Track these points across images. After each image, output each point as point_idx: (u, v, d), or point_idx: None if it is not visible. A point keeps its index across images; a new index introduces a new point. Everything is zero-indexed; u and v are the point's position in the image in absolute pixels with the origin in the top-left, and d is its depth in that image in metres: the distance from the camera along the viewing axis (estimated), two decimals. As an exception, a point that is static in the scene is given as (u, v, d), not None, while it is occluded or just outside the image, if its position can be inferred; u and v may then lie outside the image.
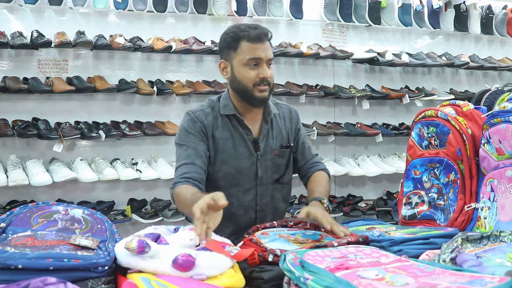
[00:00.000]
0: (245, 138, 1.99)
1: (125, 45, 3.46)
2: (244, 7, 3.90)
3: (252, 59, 1.88)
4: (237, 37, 1.91)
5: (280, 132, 2.06)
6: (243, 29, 1.91)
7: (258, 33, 1.89)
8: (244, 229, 1.83)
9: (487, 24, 4.64)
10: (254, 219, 2.00)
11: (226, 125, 1.98)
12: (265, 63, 1.89)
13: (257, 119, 2.03)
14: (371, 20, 4.25)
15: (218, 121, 1.98)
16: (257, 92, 1.90)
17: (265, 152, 2.01)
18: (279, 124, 2.06)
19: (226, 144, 1.97)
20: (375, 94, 4.20)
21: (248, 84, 1.90)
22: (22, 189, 3.32)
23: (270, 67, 1.93)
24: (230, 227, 1.95)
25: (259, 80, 1.89)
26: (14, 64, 3.45)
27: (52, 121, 3.44)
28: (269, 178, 2.02)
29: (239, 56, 1.91)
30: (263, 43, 1.90)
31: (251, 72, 1.89)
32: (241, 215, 1.99)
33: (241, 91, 1.94)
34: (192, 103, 3.87)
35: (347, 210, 3.99)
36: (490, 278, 0.98)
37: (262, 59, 1.89)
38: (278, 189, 2.06)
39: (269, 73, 1.90)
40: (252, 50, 1.88)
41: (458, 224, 1.71)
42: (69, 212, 1.39)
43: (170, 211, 3.54)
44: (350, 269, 1.08)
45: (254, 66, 1.89)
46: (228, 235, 1.81)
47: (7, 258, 1.06)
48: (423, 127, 1.88)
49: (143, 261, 1.16)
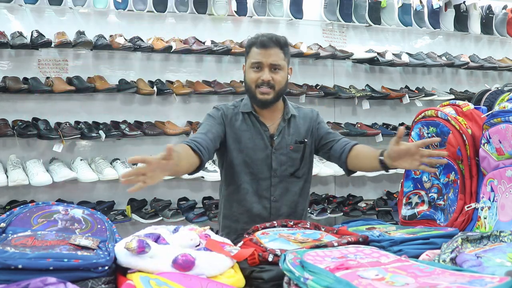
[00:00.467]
0: (261, 132, 2.13)
1: (125, 45, 3.47)
2: (244, 7, 3.90)
3: (254, 62, 2.06)
4: (250, 44, 2.11)
5: (297, 130, 2.17)
6: (256, 37, 2.10)
7: (266, 40, 2.05)
8: (258, 217, 2.08)
9: (487, 24, 4.64)
10: (269, 208, 2.13)
11: (245, 120, 2.15)
12: (267, 67, 2.04)
13: (274, 117, 2.17)
14: (371, 20, 4.25)
15: (238, 116, 2.15)
16: (259, 94, 2.06)
17: (280, 147, 2.13)
18: (297, 124, 2.18)
19: (244, 135, 2.13)
20: (375, 94, 4.21)
21: (251, 85, 2.08)
22: (22, 189, 3.32)
23: (278, 72, 2.06)
24: (245, 214, 2.13)
25: (260, 82, 2.04)
26: (14, 64, 3.46)
27: (52, 121, 3.44)
28: (284, 171, 2.13)
29: (248, 60, 2.10)
30: (268, 49, 2.04)
31: (253, 74, 2.06)
32: (255, 202, 2.12)
33: (247, 91, 2.13)
34: (192, 103, 3.88)
35: (347, 210, 3.99)
36: (490, 278, 0.98)
37: (263, 63, 2.04)
38: (293, 183, 2.15)
39: (268, 76, 2.03)
40: (256, 54, 2.06)
41: (458, 224, 1.71)
42: (69, 212, 1.39)
43: (170, 211, 3.54)
44: (350, 269, 1.08)
45: (257, 69, 2.06)
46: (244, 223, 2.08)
47: (7, 258, 1.06)
48: (423, 127, 1.88)
49: (143, 261, 1.16)
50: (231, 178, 2.15)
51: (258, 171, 2.11)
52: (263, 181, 2.12)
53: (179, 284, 1.08)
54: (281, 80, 2.07)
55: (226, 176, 2.19)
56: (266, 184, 2.12)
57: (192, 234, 1.33)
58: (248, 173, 2.12)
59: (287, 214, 2.12)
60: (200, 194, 3.82)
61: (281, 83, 2.07)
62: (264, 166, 2.11)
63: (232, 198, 2.17)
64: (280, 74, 2.06)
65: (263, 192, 2.12)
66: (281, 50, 2.07)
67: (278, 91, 2.07)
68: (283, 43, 2.08)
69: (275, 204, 2.13)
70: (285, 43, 2.10)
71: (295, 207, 2.17)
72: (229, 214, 2.19)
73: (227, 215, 2.19)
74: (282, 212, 2.13)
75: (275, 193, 2.13)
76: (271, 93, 2.05)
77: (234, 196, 2.16)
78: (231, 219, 2.18)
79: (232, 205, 2.17)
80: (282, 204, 2.14)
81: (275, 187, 2.13)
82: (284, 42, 2.09)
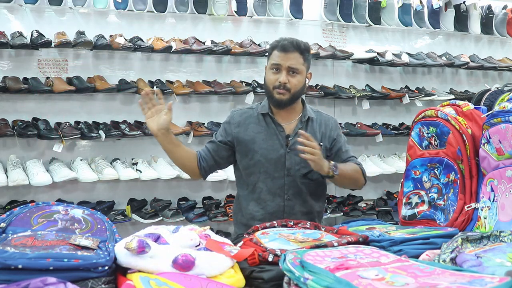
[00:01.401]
0: (276, 133, 2.22)
1: (125, 45, 3.46)
2: (244, 7, 3.90)
3: (273, 64, 2.16)
4: (273, 46, 2.20)
5: (313, 133, 2.20)
6: (279, 40, 2.19)
7: (286, 44, 2.14)
8: (273, 214, 2.16)
9: (487, 24, 4.64)
10: (283, 207, 2.20)
11: (261, 122, 2.25)
12: (285, 70, 2.13)
13: (291, 118, 2.25)
14: (371, 20, 4.25)
15: (253, 118, 2.26)
16: (276, 94, 2.16)
17: (295, 147, 2.14)
18: (314, 127, 2.26)
19: (258, 137, 2.22)
20: (375, 94, 4.20)
21: (269, 86, 2.18)
22: (22, 189, 3.32)
23: (295, 76, 2.15)
24: (260, 212, 2.21)
25: (277, 84, 2.14)
26: (14, 64, 3.45)
27: (52, 121, 3.44)
28: (298, 172, 2.19)
29: (269, 61, 2.20)
30: (288, 53, 2.13)
31: (272, 76, 2.16)
32: (270, 200, 2.20)
33: (266, 91, 2.23)
34: (192, 103, 3.88)
35: (347, 210, 3.99)
36: (490, 278, 0.98)
37: (281, 65, 2.13)
38: (306, 184, 2.21)
39: (285, 79, 2.12)
40: (276, 57, 2.15)
41: (458, 224, 1.71)
42: (69, 212, 1.39)
43: (170, 211, 3.54)
44: (350, 269, 1.08)
45: (276, 71, 2.16)
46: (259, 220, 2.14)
47: (7, 258, 1.06)
48: (423, 127, 1.88)
49: (143, 261, 1.16)
50: (248, 178, 2.24)
51: (272, 170, 2.19)
52: (277, 180, 2.19)
53: (179, 284, 1.08)
54: (297, 84, 2.15)
55: (242, 177, 2.28)
56: (280, 183, 2.19)
57: (192, 234, 1.33)
58: (263, 172, 2.20)
59: (302, 214, 2.18)
60: (200, 194, 3.82)
61: (297, 86, 2.15)
62: (279, 165, 2.19)
63: (248, 198, 2.24)
64: (297, 78, 2.14)
65: (277, 191, 2.20)
66: (301, 55, 2.15)
67: (293, 93, 2.15)
68: (303, 48, 2.16)
69: (289, 202, 2.20)
70: (306, 48, 2.17)
71: (310, 208, 2.24)
72: (247, 213, 2.25)
73: (245, 213, 2.26)
74: (296, 211, 2.19)
75: (289, 192, 2.20)
76: (286, 94, 2.14)
77: (250, 196, 2.23)
78: (247, 217, 2.24)
79: (248, 204, 2.24)
80: (296, 204, 2.20)
81: (288, 186, 2.19)
82: (305, 48, 2.17)
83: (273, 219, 1.96)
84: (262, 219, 2.15)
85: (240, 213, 2.31)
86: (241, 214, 2.30)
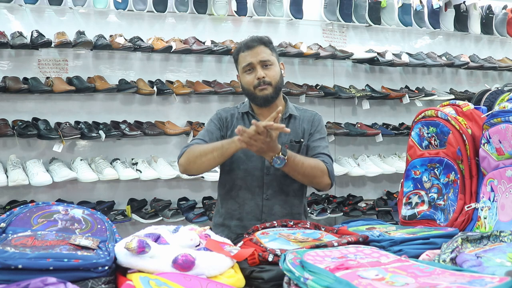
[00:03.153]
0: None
1: (125, 45, 3.47)
2: (244, 7, 3.90)
3: (245, 66, 2.12)
4: (236, 51, 2.18)
5: (295, 130, 2.17)
6: (240, 43, 2.18)
7: (249, 41, 2.12)
8: (250, 214, 2.12)
9: (487, 24, 4.64)
10: (261, 206, 2.14)
11: (244, 120, 2.20)
12: (258, 65, 2.09)
13: None
14: (371, 20, 4.25)
15: (236, 118, 2.21)
16: (259, 92, 2.10)
17: None
18: (296, 125, 2.20)
19: None
20: (375, 94, 4.21)
21: (250, 87, 2.12)
22: (22, 189, 3.32)
23: (270, 68, 2.11)
24: (237, 211, 2.16)
25: (257, 82, 2.09)
26: (14, 64, 3.46)
27: (52, 121, 3.44)
28: (278, 170, 2.06)
29: (239, 66, 2.17)
30: (253, 48, 2.10)
31: (248, 77, 2.12)
32: (248, 199, 2.14)
33: (248, 95, 2.17)
34: (192, 103, 3.88)
35: (347, 210, 3.99)
36: (490, 278, 0.98)
37: (253, 63, 2.10)
38: (287, 183, 2.14)
39: (262, 73, 2.08)
40: (244, 58, 2.12)
41: (458, 224, 1.70)
42: (69, 212, 1.39)
43: (170, 211, 3.54)
44: (350, 269, 1.08)
45: (250, 71, 2.12)
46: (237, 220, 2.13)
47: (7, 258, 1.06)
48: (423, 127, 1.88)
49: (143, 261, 1.16)
50: (228, 176, 2.18)
51: (252, 168, 2.13)
52: (257, 178, 2.14)
53: (179, 285, 1.08)
54: (275, 75, 2.11)
55: (223, 175, 2.22)
56: (259, 182, 2.14)
57: (192, 234, 1.33)
58: (242, 170, 2.14)
59: (281, 215, 2.11)
60: (200, 194, 3.82)
61: (276, 77, 2.11)
62: (258, 164, 2.13)
63: (226, 196, 2.19)
64: (273, 69, 2.11)
65: (256, 189, 2.14)
66: (266, 47, 2.12)
67: (275, 85, 2.11)
68: (266, 41, 2.14)
69: (268, 202, 2.13)
70: (269, 41, 2.16)
71: (289, 209, 2.16)
72: (224, 212, 2.20)
73: (222, 213, 2.21)
74: (275, 211, 2.12)
75: (268, 191, 2.13)
76: (269, 88, 2.09)
77: (228, 194, 2.18)
78: (225, 217, 2.19)
79: (227, 203, 2.19)
80: (275, 204, 2.14)
81: (267, 185, 2.14)
82: (267, 40, 2.15)
83: (251, 218, 2.02)
84: (240, 218, 2.13)
85: (218, 213, 2.24)
86: (219, 214, 2.23)
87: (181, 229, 1.38)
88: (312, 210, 3.79)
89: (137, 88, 3.55)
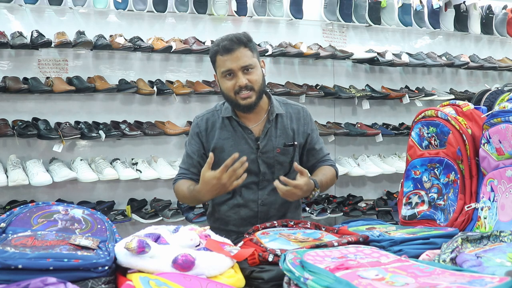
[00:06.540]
0: (245, 137, 2.07)
1: (125, 45, 3.47)
2: (244, 7, 3.90)
3: (225, 71, 1.97)
4: (214, 52, 2.00)
5: (284, 131, 2.10)
6: (217, 43, 1.99)
7: (227, 44, 1.94)
8: (246, 220, 2.07)
9: (487, 24, 4.64)
10: (257, 212, 2.09)
11: (227, 126, 2.09)
12: (239, 71, 1.94)
13: (258, 119, 2.09)
14: (371, 20, 4.25)
15: (218, 123, 2.10)
16: (240, 100, 1.98)
17: (266, 150, 2.06)
18: (284, 124, 2.10)
19: (226, 143, 2.07)
20: (375, 94, 4.21)
21: (230, 93, 1.99)
22: (22, 189, 3.32)
23: (252, 72, 1.96)
24: (232, 217, 2.12)
25: (238, 88, 1.96)
26: (14, 64, 3.46)
27: (52, 121, 3.44)
28: (272, 175, 2.06)
29: (218, 69, 2.01)
30: (233, 52, 1.94)
31: (228, 83, 1.98)
32: (243, 206, 2.10)
33: (227, 100, 2.05)
34: (192, 103, 3.88)
35: (347, 210, 3.99)
36: (490, 278, 0.98)
37: (233, 69, 1.95)
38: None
39: (244, 80, 1.94)
40: (223, 62, 1.96)
41: (458, 224, 1.70)
42: (69, 212, 1.39)
43: (170, 211, 3.54)
44: (350, 269, 1.08)
45: (230, 77, 1.97)
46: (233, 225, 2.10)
47: (7, 258, 1.06)
48: (423, 127, 1.88)
49: (143, 261, 1.16)
50: None
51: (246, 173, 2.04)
52: (251, 185, 2.07)
53: (179, 285, 1.08)
54: (258, 79, 1.97)
55: None
56: (254, 188, 2.08)
57: (192, 234, 1.33)
58: None
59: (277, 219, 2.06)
60: (200, 194, 3.82)
61: (258, 81, 1.98)
62: (252, 172, 2.03)
63: (222, 201, 2.14)
64: (255, 73, 1.97)
65: (250, 196, 2.08)
66: (246, 48, 1.96)
67: (258, 90, 1.98)
68: (245, 41, 1.97)
69: (263, 208, 2.08)
70: (247, 38, 1.99)
71: (285, 212, 2.13)
72: (218, 217, 2.17)
73: (217, 217, 2.18)
74: (271, 216, 2.07)
75: (263, 197, 2.08)
76: (253, 95, 1.97)
77: (223, 199, 2.12)
78: (220, 222, 2.15)
79: (221, 208, 2.14)
80: (270, 208, 2.09)
81: (263, 191, 2.08)
82: (246, 39, 1.98)
83: (247, 224, 1.96)
84: (236, 224, 2.09)
85: (212, 217, 2.21)
86: (214, 218, 2.20)
87: (181, 229, 1.38)
88: (312, 210, 3.79)
89: (137, 88, 3.55)
